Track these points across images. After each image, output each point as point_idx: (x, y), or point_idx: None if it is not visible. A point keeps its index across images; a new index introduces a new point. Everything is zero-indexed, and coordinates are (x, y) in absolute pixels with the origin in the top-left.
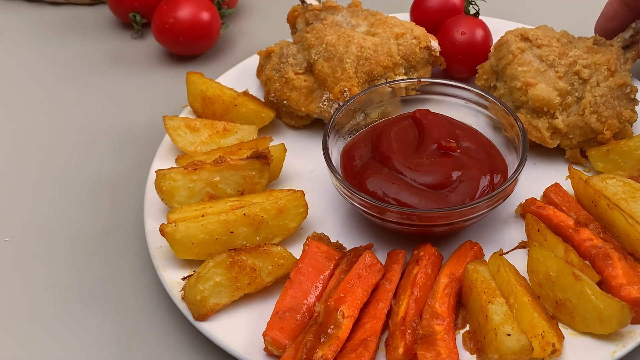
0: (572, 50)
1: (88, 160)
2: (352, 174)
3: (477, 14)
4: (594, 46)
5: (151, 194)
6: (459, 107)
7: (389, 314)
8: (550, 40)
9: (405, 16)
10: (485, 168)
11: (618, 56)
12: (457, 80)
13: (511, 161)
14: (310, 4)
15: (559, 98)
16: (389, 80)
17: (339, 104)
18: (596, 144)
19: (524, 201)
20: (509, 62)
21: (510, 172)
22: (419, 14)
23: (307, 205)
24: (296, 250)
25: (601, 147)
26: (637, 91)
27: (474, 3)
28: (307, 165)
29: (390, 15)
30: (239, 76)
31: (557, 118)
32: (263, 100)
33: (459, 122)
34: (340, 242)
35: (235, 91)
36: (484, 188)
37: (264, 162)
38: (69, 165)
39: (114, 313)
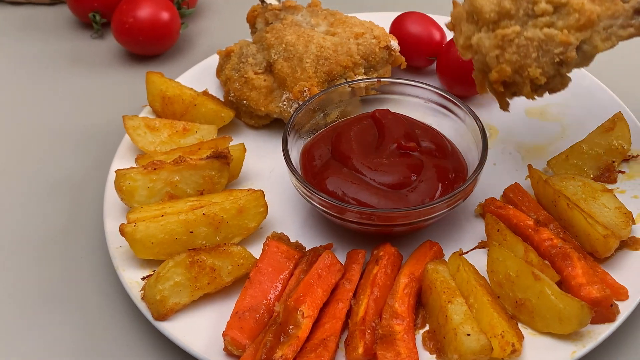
0: None
1: (47, 160)
2: (311, 173)
3: None
4: None
5: (111, 194)
6: (419, 107)
7: (349, 314)
8: None
9: (365, 16)
10: (445, 168)
11: (616, 15)
12: (417, 80)
13: (471, 161)
14: (270, 4)
15: (493, 14)
16: (348, 80)
17: (298, 103)
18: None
19: (483, 201)
20: None
21: (470, 171)
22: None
23: (266, 205)
24: (256, 250)
25: (560, 153)
26: (572, 60)
27: None
28: (266, 165)
29: (350, 15)
30: (198, 76)
31: (479, 33)
32: (223, 100)
33: (419, 121)
34: (299, 241)
35: (195, 91)
36: (444, 188)
37: (224, 161)
38: (27, 165)
39: (73, 313)
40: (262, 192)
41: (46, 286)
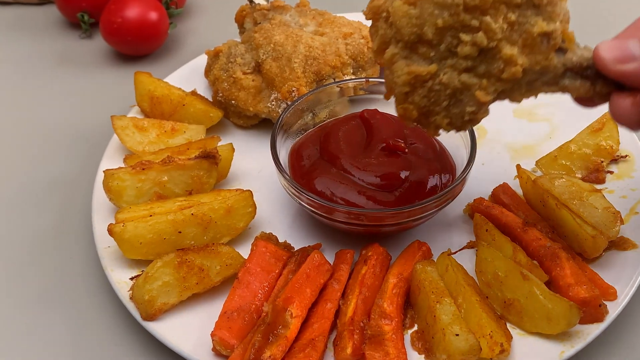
0: (502, 16)
1: (36, 160)
2: (300, 173)
3: None
4: (538, 37)
5: (99, 194)
6: None
7: (337, 314)
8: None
9: (353, 16)
10: (433, 168)
11: (544, 71)
12: None
13: (459, 161)
14: (258, 4)
15: (412, 37)
16: (337, 80)
17: (287, 103)
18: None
19: (472, 201)
20: None
21: (459, 172)
22: None
23: (255, 205)
24: (244, 250)
25: (548, 153)
26: (482, 116)
27: None
28: (255, 165)
29: (338, 15)
30: (187, 76)
31: (395, 48)
32: (211, 100)
33: None
34: (288, 242)
35: (183, 91)
36: (432, 188)
37: (212, 161)
38: (16, 165)
39: (62, 313)
40: (251, 192)
41: (34, 286)
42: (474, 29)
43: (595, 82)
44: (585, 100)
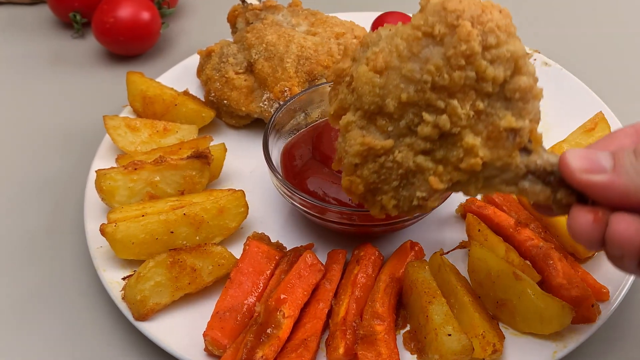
0: (470, 103)
1: (28, 160)
2: (292, 173)
3: None
4: (504, 132)
5: (91, 194)
6: None
7: (330, 314)
8: (475, 63)
9: (345, 16)
10: None
11: (505, 169)
12: None
13: None
14: (251, 4)
15: (373, 106)
16: (329, 79)
17: (279, 103)
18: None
19: (464, 201)
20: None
21: None
22: None
23: (247, 205)
24: (236, 250)
25: None
26: (432, 207)
27: None
28: (247, 165)
29: (330, 14)
30: (179, 76)
31: (353, 115)
32: (203, 100)
33: None
34: (280, 242)
35: (176, 91)
36: None
37: (204, 161)
38: (8, 164)
39: (54, 313)
40: (243, 192)
41: (27, 286)
42: (438, 110)
43: (556, 190)
44: (543, 208)
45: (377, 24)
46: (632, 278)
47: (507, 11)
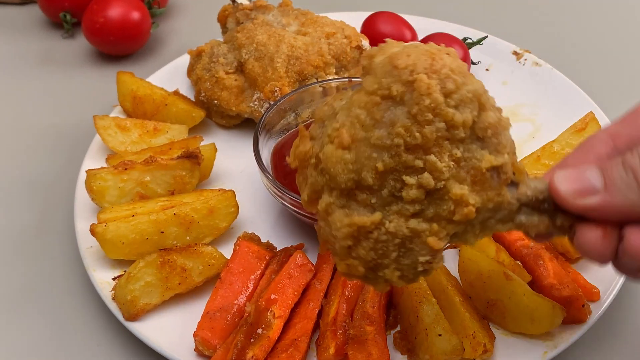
0: (447, 153)
1: (18, 159)
2: (282, 173)
3: None
4: (487, 172)
5: (81, 194)
6: None
7: (320, 314)
8: (442, 114)
9: (336, 16)
10: None
11: (497, 208)
12: None
13: None
14: (241, 4)
15: (350, 183)
16: (320, 79)
17: (269, 103)
18: None
19: None
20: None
21: None
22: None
23: (237, 205)
24: (227, 250)
25: (532, 153)
26: (437, 266)
27: None
28: (237, 165)
29: (321, 14)
30: (169, 76)
31: (330, 197)
32: (193, 100)
33: None
34: (271, 242)
35: (166, 91)
36: None
37: (195, 161)
38: None
39: (44, 313)
40: (233, 192)
41: (17, 286)
42: (418, 169)
43: (554, 216)
44: (543, 236)
45: (367, 23)
46: (622, 278)
47: (454, 51)
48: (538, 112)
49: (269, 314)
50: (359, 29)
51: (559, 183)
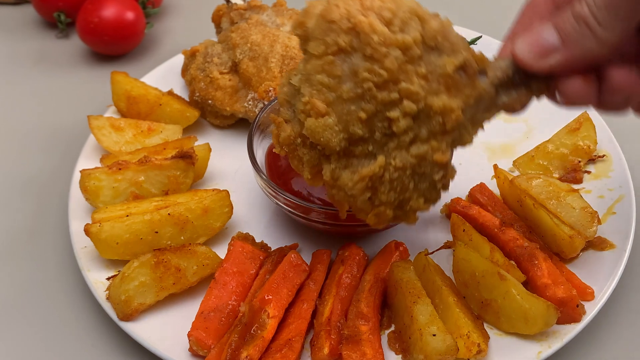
0: (414, 75)
1: (12, 159)
2: (277, 173)
3: None
4: (455, 74)
5: (76, 194)
6: None
7: (314, 314)
8: (393, 42)
9: None
10: None
11: (478, 100)
12: None
13: None
14: (235, 3)
15: (343, 143)
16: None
17: (264, 103)
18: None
19: (449, 201)
20: (311, 66)
21: None
22: None
23: (231, 205)
24: (221, 250)
25: (526, 153)
26: (452, 176)
27: None
28: (232, 165)
29: None
30: (163, 76)
31: (330, 164)
32: (188, 100)
33: None
34: (265, 242)
35: (160, 91)
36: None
37: (189, 161)
38: None
39: (38, 313)
40: (228, 192)
41: (10, 286)
42: (396, 101)
43: (528, 84)
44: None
45: None
46: (617, 278)
47: None
48: (532, 111)
49: (263, 314)
50: None
51: (520, 52)
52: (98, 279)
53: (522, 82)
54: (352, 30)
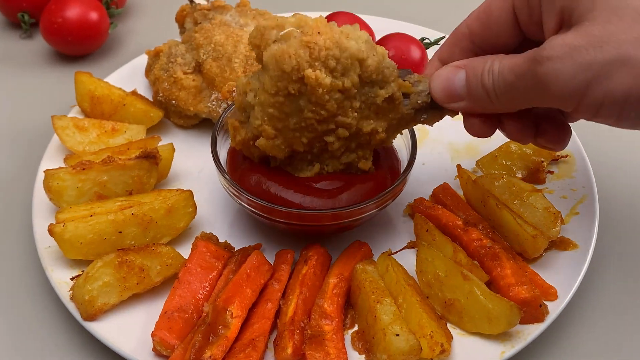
0: (349, 109)
1: None
2: (240, 173)
3: None
4: (383, 103)
5: (39, 194)
6: None
7: (278, 314)
8: (335, 87)
9: None
10: (375, 166)
11: (400, 122)
12: None
13: (401, 161)
14: (199, 4)
15: (288, 154)
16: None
17: (227, 103)
18: None
19: (412, 201)
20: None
21: (401, 171)
22: None
23: (195, 205)
24: (185, 250)
25: (489, 153)
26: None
27: None
28: (195, 165)
29: (279, 14)
30: (127, 76)
31: (276, 162)
32: (151, 100)
33: None
34: (228, 242)
35: (124, 91)
36: (373, 187)
37: (153, 161)
38: None
39: (1, 313)
40: (191, 192)
41: None
42: (332, 130)
43: (442, 109)
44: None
45: None
46: (580, 278)
47: (322, 19)
48: None
49: (227, 313)
50: None
51: (434, 91)
52: (62, 279)
53: (437, 107)
54: (301, 81)
